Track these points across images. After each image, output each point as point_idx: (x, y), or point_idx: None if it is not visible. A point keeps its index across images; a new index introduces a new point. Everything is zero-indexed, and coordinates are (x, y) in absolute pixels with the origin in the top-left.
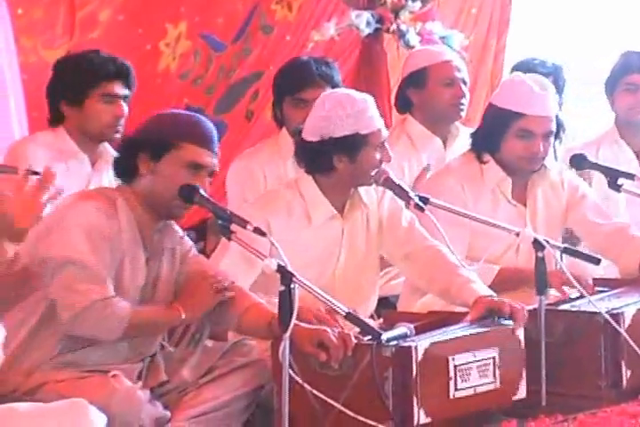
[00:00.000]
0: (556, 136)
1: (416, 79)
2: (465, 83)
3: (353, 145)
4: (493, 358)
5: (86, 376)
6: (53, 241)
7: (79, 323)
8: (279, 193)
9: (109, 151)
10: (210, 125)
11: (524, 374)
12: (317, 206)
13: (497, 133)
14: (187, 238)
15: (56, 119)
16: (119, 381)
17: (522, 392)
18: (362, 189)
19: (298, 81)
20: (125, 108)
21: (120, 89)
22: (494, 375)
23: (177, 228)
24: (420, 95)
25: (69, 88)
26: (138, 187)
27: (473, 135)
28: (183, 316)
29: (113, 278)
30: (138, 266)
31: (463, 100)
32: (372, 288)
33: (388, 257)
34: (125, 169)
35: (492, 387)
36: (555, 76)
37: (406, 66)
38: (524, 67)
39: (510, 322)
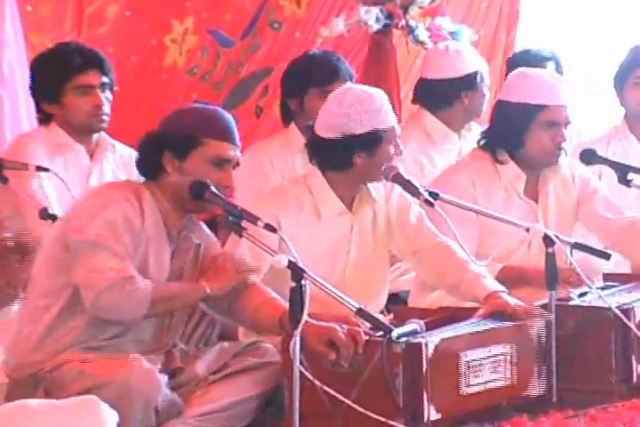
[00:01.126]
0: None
1: (471, 81)
2: None
3: (373, 142)
4: (506, 354)
5: (108, 356)
6: (77, 227)
7: (103, 302)
8: (288, 189)
9: (106, 139)
10: (228, 117)
11: (536, 371)
12: (327, 202)
13: (520, 129)
14: (211, 234)
15: (45, 118)
16: (139, 362)
17: (533, 389)
18: (370, 185)
19: (329, 74)
20: (106, 95)
21: (93, 79)
22: (506, 372)
23: (201, 224)
24: (471, 96)
25: (44, 87)
26: (164, 184)
27: (486, 134)
28: (208, 290)
29: (137, 268)
30: (162, 258)
31: None
32: (383, 284)
33: (397, 253)
34: (150, 168)
35: (503, 383)
36: (555, 61)
37: (454, 66)
38: (527, 58)
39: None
